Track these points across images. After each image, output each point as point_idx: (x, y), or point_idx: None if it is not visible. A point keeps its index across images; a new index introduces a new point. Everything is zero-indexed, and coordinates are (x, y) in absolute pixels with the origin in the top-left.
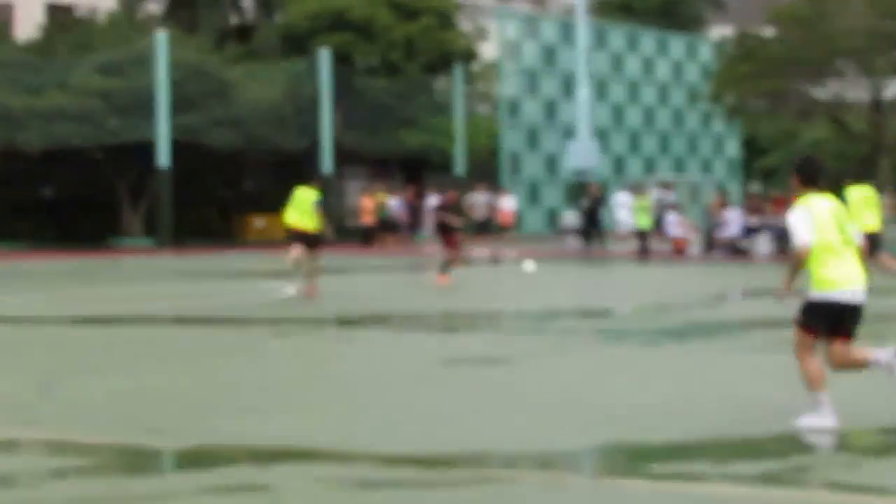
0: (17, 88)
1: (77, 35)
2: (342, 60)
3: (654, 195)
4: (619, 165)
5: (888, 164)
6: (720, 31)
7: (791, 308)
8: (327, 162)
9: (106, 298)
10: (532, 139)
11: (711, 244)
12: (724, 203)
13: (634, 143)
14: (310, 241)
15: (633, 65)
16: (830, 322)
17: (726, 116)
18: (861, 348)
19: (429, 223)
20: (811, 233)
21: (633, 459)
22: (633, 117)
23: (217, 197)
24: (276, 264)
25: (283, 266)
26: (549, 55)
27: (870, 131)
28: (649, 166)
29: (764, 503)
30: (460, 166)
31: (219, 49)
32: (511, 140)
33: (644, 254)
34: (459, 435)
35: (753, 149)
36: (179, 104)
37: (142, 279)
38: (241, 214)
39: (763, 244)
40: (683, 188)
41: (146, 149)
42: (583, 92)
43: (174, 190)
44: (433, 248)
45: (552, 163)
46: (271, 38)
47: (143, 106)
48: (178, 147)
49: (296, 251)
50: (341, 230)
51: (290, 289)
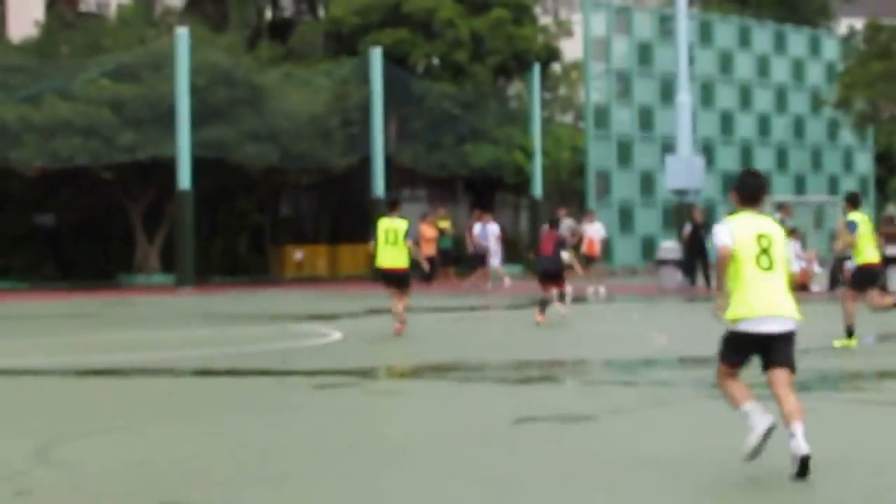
0: (12, 97)
1: (83, 33)
2: (397, 62)
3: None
4: (728, 185)
5: None
6: (849, 24)
7: None
8: (379, 182)
9: (116, 346)
10: (624, 154)
11: (838, 278)
12: None
13: (746, 158)
14: (402, 280)
15: (745, 65)
16: (746, 354)
17: (856, 125)
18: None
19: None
20: (730, 241)
21: None
22: (745, 127)
23: (248, 225)
24: (318, 304)
25: (326, 307)
26: (645, 54)
27: None
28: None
29: None
30: (537, 187)
31: (251, 49)
32: (599, 155)
33: None
34: None
35: (889, 164)
36: (204, 115)
37: (158, 323)
38: (278, 245)
39: None
40: (805, 211)
41: (164, 168)
42: (684, 97)
43: (197, 217)
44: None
45: (648, 182)
46: (313, 37)
47: (161, 117)
48: (203, 166)
49: (398, 301)
50: None
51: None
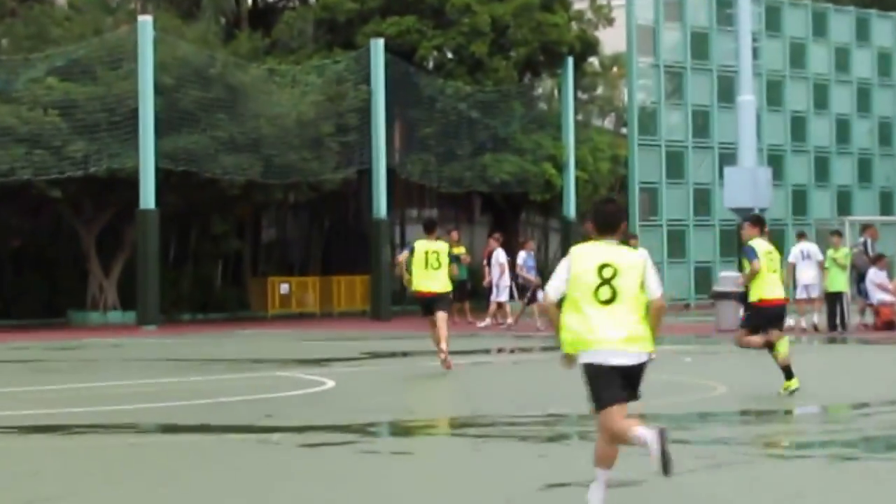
0: None
1: (26, 23)
2: (403, 56)
3: (851, 244)
4: (800, 202)
5: None
6: None
7: None
8: (380, 201)
9: (66, 397)
10: (674, 165)
11: None
12: None
13: (821, 170)
14: (443, 300)
15: (820, 58)
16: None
17: None
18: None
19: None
20: (562, 284)
21: None
22: (820, 133)
23: (224, 251)
24: (307, 347)
25: (317, 350)
26: (699, 46)
27: None
28: (843, 203)
29: None
30: (570, 205)
31: (228, 42)
32: (644, 167)
33: (836, 328)
34: None
35: None
36: (172, 120)
37: (116, 370)
38: (259, 276)
39: None
40: (892, 233)
41: (124, 183)
42: (746, 99)
43: (163, 242)
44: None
45: (703, 199)
46: (302, 26)
47: (121, 123)
48: (170, 181)
49: (438, 333)
50: (400, 296)
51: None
